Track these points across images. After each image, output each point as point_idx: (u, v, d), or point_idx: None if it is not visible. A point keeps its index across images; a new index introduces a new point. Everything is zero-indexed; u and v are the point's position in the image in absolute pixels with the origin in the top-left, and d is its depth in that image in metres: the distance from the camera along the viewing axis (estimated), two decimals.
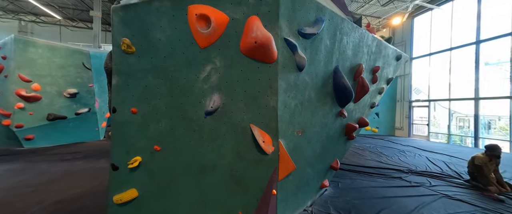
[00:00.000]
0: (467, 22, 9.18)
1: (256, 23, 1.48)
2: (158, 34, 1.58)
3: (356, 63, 2.59)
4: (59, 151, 5.24)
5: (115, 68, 1.62)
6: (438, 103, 10.96)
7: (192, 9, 1.53)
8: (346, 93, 2.28)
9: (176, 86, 1.67)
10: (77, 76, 5.92)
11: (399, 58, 3.82)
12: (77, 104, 6.08)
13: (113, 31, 1.57)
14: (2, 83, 5.12)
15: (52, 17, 13.21)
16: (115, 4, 1.54)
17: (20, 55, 5.12)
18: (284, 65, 1.65)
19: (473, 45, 8.91)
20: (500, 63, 9.62)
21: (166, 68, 1.64)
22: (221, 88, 1.67)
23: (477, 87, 8.76)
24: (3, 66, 5.18)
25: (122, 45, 1.57)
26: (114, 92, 1.65)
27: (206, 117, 1.71)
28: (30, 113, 5.28)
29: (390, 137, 10.59)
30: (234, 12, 1.53)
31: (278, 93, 1.63)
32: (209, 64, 1.63)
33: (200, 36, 1.55)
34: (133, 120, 1.71)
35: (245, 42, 1.52)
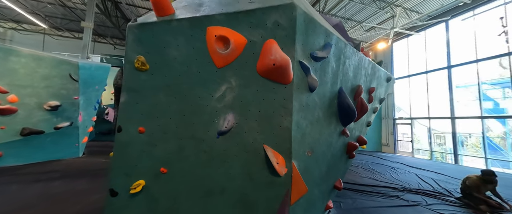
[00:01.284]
0: (439, 48, 10.28)
1: (274, 46, 1.53)
2: (174, 52, 1.56)
3: (356, 84, 2.73)
4: (32, 170, 4.68)
5: (125, 85, 1.55)
6: (417, 121, 11.70)
7: (211, 30, 1.55)
8: (350, 113, 2.35)
9: (189, 105, 1.62)
10: (61, 88, 5.54)
11: (389, 79, 4.11)
12: (58, 117, 5.61)
13: (127, 48, 1.53)
14: None
15: (36, 25, 12.68)
16: (132, 22, 1.52)
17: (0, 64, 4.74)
18: (298, 87, 1.69)
19: (445, 70, 9.90)
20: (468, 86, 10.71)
21: (179, 86, 1.60)
22: (235, 107, 1.64)
23: (452, 107, 9.56)
24: None
25: (136, 63, 1.52)
26: (121, 110, 1.56)
27: (218, 137, 1.66)
28: (1, 127, 4.76)
29: (378, 153, 10.92)
30: (252, 34, 1.57)
31: (292, 113, 1.65)
32: (224, 83, 1.62)
33: (218, 56, 1.56)
34: (139, 140, 1.60)
35: (263, 63, 1.55)
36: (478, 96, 8.87)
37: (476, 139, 11.86)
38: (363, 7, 9.59)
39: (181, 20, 1.54)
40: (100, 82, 6.76)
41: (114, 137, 6.96)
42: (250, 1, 1.61)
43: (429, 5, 9.45)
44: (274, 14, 1.55)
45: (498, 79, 9.98)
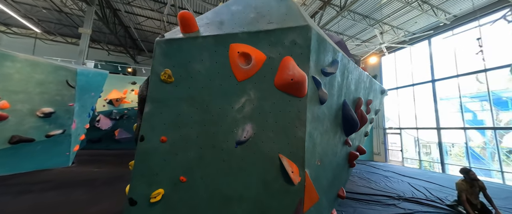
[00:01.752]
0: (424, 63, 11.04)
1: (291, 62, 1.68)
2: (198, 66, 1.67)
3: (357, 97, 2.94)
4: (21, 180, 4.42)
5: (150, 96, 1.62)
6: (404, 130, 12.23)
7: (234, 47, 1.68)
8: (353, 123, 2.52)
9: (210, 116, 1.71)
10: (56, 94, 5.39)
11: (383, 92, 4.40)
12: (51, 125, 5.40)
13: (154, 61, 1.62)
14: None
15: (27, 29, 12.35)
16: (160, 37, 1.63)
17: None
18: (311, 99, 1.83)
19: (430, 83, 10.60)
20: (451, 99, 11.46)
21: (202, 97, 1.69)
22: (253, 118, 1.75)
23: (437, 118, 10.14)
24: None
25: (162, 75, 1.61)
26: (145, 120, 1.61)
27: (236, 147, 1.74)
28: None
29: (370, 162, 11.20)
30: (271, 51, 1.72)
31: (306, 124, 1.77)
32: (244, 96, 1.73)
33: (239, 70, 1.68)
34: (161, 149, 1.65)
35: (281, 78, 1.69)
36: (460, 109, 9.51)
37: (459, 149, 12.51)
38: (355, 23, 10.23)
39: (206, 37, 1.66)
40: (96, 89, 6.63)
41: (104, 145, 6.90)
42: (269, 22, 1.78)
43: (414, 24, 10.26)
44: (292, 34, 1.71)
45: (476, 93, 10.75)
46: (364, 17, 9.89)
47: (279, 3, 1.91)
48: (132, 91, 11.24)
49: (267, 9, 1.90)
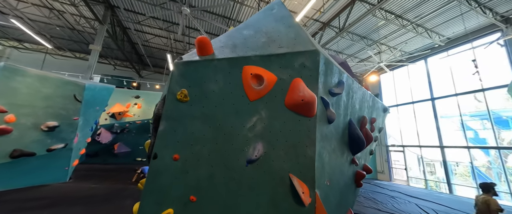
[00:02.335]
0: (422, 81, 11.30)
1: (301, 84, 1.76)
2: (213, 86, 1.75)
3: (361, 116, 2.99)
4: (16, 196, 4.28)
5: (165, 114, 1.67)
6: (407, 148, 12.09)
7: (247, 68, 1.78)
8: (359, 142, 2.54)
9: (222, 134, 1.75)
10: (61, 108, 5.45)
11: (386, 110, 4.47)
12: (53, 139, 5.38)
13: (172, 81, 1.70)
14: None
15: (39, 45, 12.85)
16: (178, 59, 1.73)
17: (3, 84, 4.72)
18: (320, 119, 1.88)
19: (430, 101, 10.74)
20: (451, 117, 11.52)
21: (215, 116, 1.74)
22: (264, 137, 1.78)
23: (440, 136, 10.10)
24: None
25: (179, 95, 1.68)
26: (159, 137, 1.65)
27: (247, 165, 1.75)
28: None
29: (375, 180, 10.90)
30: (282, 73, 1.82)
31: (315, 143, 1.80)
32: (256, 115, 1.78)
33: (251, 90, 1.76)
34: (173, 167, 1.66)
35: (292, 98, 1.76)
36: (462, 127, 9.52)
37: (464, 168, 12.25)
38: (353, 43, 10.68)
39: (221, 59, 1.77)
40: (101, 103, 6.72)
41: (101, 160, 6.81)
42: (280, 46, 1.90)
43: (410, 45, 10.73)
44: (301, 57, 1.83)
45: (475, 112, 10.85)
46: (362, 38, 10.36)
47: (288, 29, 2.06)
48: (135, 105, 11.34)
49: (277, 34, 2.04)
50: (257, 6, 7.77)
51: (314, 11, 8.34)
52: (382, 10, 8.14)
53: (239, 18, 8.86)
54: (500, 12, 8.02)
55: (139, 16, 9.18)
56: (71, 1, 8.18)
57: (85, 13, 9.31)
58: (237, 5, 7.88)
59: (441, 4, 7.80)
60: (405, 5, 8.03)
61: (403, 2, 7.84)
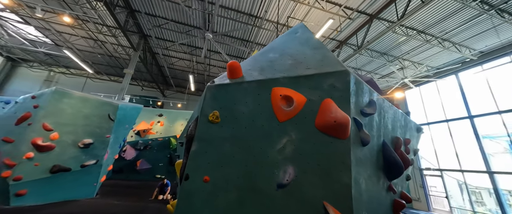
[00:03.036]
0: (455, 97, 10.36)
1: (333, 105, 1.72)
2: (243, 108, 1.79)
3: (394, 136, 2.77)
4: (50, 211, 4.54)
5: (198, 135, 1.73)
6: (445, 173, 10.66)
7: (276, 90, 1.81)
8: (397, 167, 2.31)
9: (251, 156, 1.72)
10: (97, 126, 5.96)
11: (419, 130, 4.10)
12: (87, 155, 5.80)
13: (204, 104, 1.78)
14: (23, 131, 5.08)
15: (82, 70, 14.69)
16: (210, 83, 1.83)
17: (52, 105, 5.36)
18: (354, 142, 1.78)
19: (468, 119, 9.67)
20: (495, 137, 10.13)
21: (244, 138, 1.75)
22: (295, 160, 1.72)
23: (485, 158, 8.82)
24: (30, 114, 5.28)
25: (211, 116, 1.74)
26: (191, 158, 1.68)
27: (277, 190, 1.67)
28: (36, 164, 4.94)
29: (410, 209, 9.60)
30: (311, 94, 1.81)
31: (351, 168, 1.68)
32: (285, 136, 1.75)
33: (281, 112, 1.76)
34: (203, 189, 1.65)
35: (323, 119, 1.71)
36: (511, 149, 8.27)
37: None
38: (373, 60, 10.44)
39: (251, 82, 1.83)
40: (130, 122, 7.22)
41: (124, 176, 6.95)
42: (307, 68, 1.92)
43: (437, 60, 10.15)
44: (330, 78, 1.82)
45: None
46: (382, 54, 10.12)
47: (314, 51, 2.09)
48: (158, 123, 11.98)
49: (303, 56, 2.08)
50: (275, 29, 8.18)
51: (331, 31, 8.50)
52: (402, 27, 7.99)
53: (257, 40, 9.34)
54: None
55: (167, 43, 10.17)
56: (112, 33, 9.45)
57: (122, 42, 10.61)
58: (255, 28, 8.39)
59: (467, 19, 7.44)
60: (427, 21, 7.81)
61: (424, 19, 7.65)
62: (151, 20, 8.54)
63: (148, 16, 8.32)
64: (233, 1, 7.13)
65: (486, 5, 6.64)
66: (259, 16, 7.78)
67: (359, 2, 6.88)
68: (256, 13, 7.63)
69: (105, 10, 7.40)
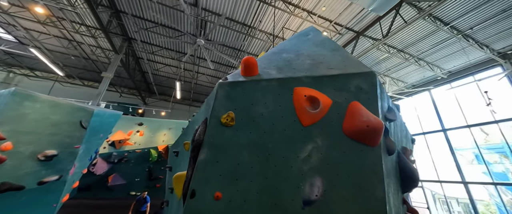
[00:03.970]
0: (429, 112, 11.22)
1: (363, 108, 1.56)
2: (261, 109, 1.54)
3: (402, 146, 2.70)
4: None
5: (207, 140, 1.41)
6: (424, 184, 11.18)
7: (298, 90, 1.60)
8: (414, 179, 2.19)
9: (272, 166, 1.45)
10: (66, 136, 5.11)
11: (413, 141, 4.16)
12: (48, 170, 4.87)
13: (216, 103, 1.50)
14: None
15: (49, 73, 13.20)
16: (223, 80, 1.57)
17: (11, 109, 4.51)
18: (383, 149, 1.61)
19: (441, 132, 10.44)
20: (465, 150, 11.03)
21: (264, 144, 1.48)
22: (322, 171, 1.48)
23: (460, 170, 9.44)
24: None
25: (224, 118, 1.45)
26: (198, 169, 1.35)
27: (304, 208, 1.39)
28: None
29: None
30: (337, 96, 1.63)
31: (384, 180, 1.49)
32: (310, 143, 1.52)
33: (305, 114, 1.54)
34: (214, 208, 1.31)
35: (352, 124, 1.53)
36: (483, 161, 8.99)
37: (484, 207, 11.12)
38: None
39: (270, 80, 1.61)
40: (106, 130, 6.40)
41: (93, 194, 5.97)
42: (329, 68, 1.77)
43: (412, 77, 11.06)
44: (357, 79, 1.67)
45: (487, 145, 10.40)
46: None
47: (333, 52, 1.97)
48: (137, 133, 10.93)
49: (322, 57, 1.94)
50: (267, 40, 8.26)
51: None
52: (385, 45, 8.61)
53: (249, 50, 9.32)
54: (496, 49, 8.49)
55: (153, 47, 9.65)
56: (92, 33, 8.71)
57: (102, 44, 9.82)
58: (248, 38, 8.39)
59: (439, 41, 8.31)
60: (406, 41, 8.55)
61: (404, 38, 8.37)
62: (138, 23, 8.08)
63: (135, 18, 7.87)
64: (228, 9, 7.09)
65: (455, 30, 7.48)
66: (252, 26, 7.81)
67: (348, 19, 7.30)
68: (250, 22, 7.65)
69: (85, 8, 6.81)
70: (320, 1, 6.53)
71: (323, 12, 6.93)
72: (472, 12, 6.88)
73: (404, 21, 6.52)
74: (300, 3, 6.65)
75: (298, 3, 6.68)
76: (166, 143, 10.64)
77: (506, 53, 8.48)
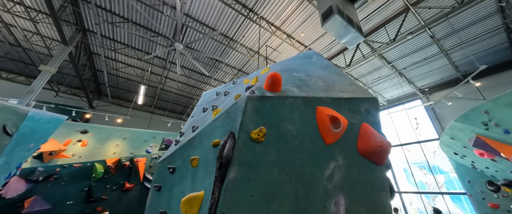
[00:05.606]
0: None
1: (373, 129, 1.74)
2: (289, 126, 1.53)
3: None
4: None
5: (238, 157, 1.29)
6: None
7: (320, 109, 1.68)
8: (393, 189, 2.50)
9: (301, 185, 1.42)
10: None
11: None
12: None
13: (245, 117, 1.41)
14: None
15: None
16: (250, 93, 1.51)
17: None
18: (387, 167, 1.81)
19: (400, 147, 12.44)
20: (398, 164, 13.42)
21: (293, 162, 1.45)
22: (344, 189, 1.54)
23: (395, 180, 11.31)
24: None
25: (255, 133, 1.37)
26: (229, 190, 1.20)
27: None
28: None
29: None
30: (351, 117, 1.78)
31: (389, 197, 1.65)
32: (332, 161, 1.58)
33: (328, 133, 1.61)
34: None
35: (367, 144, 1.67)
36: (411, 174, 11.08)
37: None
38: None
39: (296, 97, 1.63)
40: (39, 139, 4.97)
41: None
42: (341, 90, 1.94)
43: None
44: (366, 103, 1.88)
45: (418, 161, 13.00)
46: None
47: (340, 77, 2.18)
48: (78, 143, 8.85)
49: (331, 80, 2.11)
50: (247, 53, 8.45)
51: None
52: (346, 73, 10.06)
53: (225, 60, 9.28)
54: (418, 86, 11.08)
55: (117, 44, 8.45)
56: (31, 16, 7.02)
57: (44, 31, 8.00)
58: (227, 49, 8.39)
59: (383, 75, 10.30)
60: (360, 72, 10.25)
61: (358, 70, 10.02)
62: (102, 14, 7.00)
63: (99, 9, 6.81)
64: (212, 19, 7.01)
65: (394, 68, 9.46)
66: (234, 39, 7.89)
67: (321, 47, 8.30)
68: (232, 35, 7.72)
69: None
70: (299, 27, 7.25)
71: (301, 38, 7.68)
72: (405, 57, 8.91)
73: (362, 55, 7.86)
74: (282, 26, 7.20)
75: (280, 26, 7.22)
76: (118, 155, 8.94)
77: (424, 90, 11.14)
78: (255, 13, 6.72)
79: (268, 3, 6.49)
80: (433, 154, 11.14)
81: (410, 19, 6.96)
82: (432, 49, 8.30)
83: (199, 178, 1.54)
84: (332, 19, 4.90)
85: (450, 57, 8.67)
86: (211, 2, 6.46)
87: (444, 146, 5.27)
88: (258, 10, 6.71)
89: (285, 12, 6.76)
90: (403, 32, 7.06)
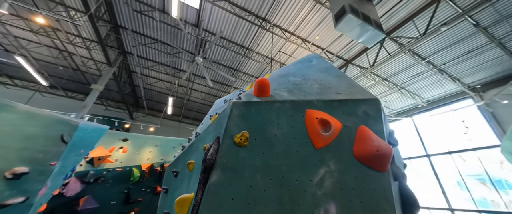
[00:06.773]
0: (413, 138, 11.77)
1: (372, 133, 1.61)
2: (275, 130, 1.54)
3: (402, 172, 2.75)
4: None
5: (221, 161, 1.36)
6: None
7: (310, 113, 1.64)
8: (417, 204, 2.18)
9: (286, 190, 1.40)
10: (41, 151, 4.58)
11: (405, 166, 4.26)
12: (13, 190, 4.25)
13: (230, 122, 1.48)
14: None
15: (30, 82, 12.45)
16: (237, 99, 1.58)
17: None
18: (390, 175, 1.63)
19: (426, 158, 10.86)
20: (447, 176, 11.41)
21: (278, 167, 1.44)
22: (336, 196, 1.45)
23: (446, 197, 9.64)
24: None
25: (237, 137, 1.43)
26: (210, 193, 1.26)
27: None
28: None
29: None
30: (346, 120, 1.69)
31: (395, 208, 1.48)
32: (323, 166, 1.51)
33: (317, 137, 1.56)
34: None
35: (363, 148, 1.56)
36: (466, 188, 9.31)
37: None
38: None
39: (284, 102, 1.64)
40: (87, 146, 5.88)
41: None
42: (337, 92, 1.86)
43: (395, 104, 11.82)
44: (363, 105, 1.76)
45: (476, 172, 10.92)
46: None
47: (338, 79, 2.09)
48: (120, 149, 10.16)
49: (328, 83, 2.04)
50: (263, 61, 8.62)
51: None
52: (371, 74, 9.32)
53: (243, 69, 9.61)
54: (466, 83, 9.50)
55: (149, 62, 9.63)
56: (86, 45, 8.58)
57: (96, 56, 9.64)
58: (245, 58, 8.72)
59: (418, 73, 9.18)
60: (389, 71, 9.34)
61: (387, 69, 9.15)
62: (137, 38, 8.15)
63: (134, 34, 7.96)
64: (228, 32, 7.46)
65: (431, 64, 8.36)
66: (250, 48, 8.19)
67: (339, 48, 7.94)
68: (247, 45, 8.03)
69: (86, 22, 6.82)
70: (314, 31, 7.13)
71: (316, 41, 7.51)
72: (444, 51, 7.81)
73: (388, 53, 7.21)
74: (296, 31, 7.20)
75: (294, 31, 7.22)
76: (150, 161, 9.95)
77: (475, 87, 9.48)
78: (268, 22, 6.90)
79: (280, 11, 6.61)
80: (501, 165, 9.18)
81: (443, 9, 6.17)
82: (478, 39, 7.12)
83: (193, 181, 1.65)
84: (345, 19, 4.71)
85: (506, 46, 7.27)
86: (226, 17, 6.90)
87: (508, 154, 4.31)
88: (271, 18, 6.88)
89: (298, 17, 6.77)
90: (436, 24, 6.28)
